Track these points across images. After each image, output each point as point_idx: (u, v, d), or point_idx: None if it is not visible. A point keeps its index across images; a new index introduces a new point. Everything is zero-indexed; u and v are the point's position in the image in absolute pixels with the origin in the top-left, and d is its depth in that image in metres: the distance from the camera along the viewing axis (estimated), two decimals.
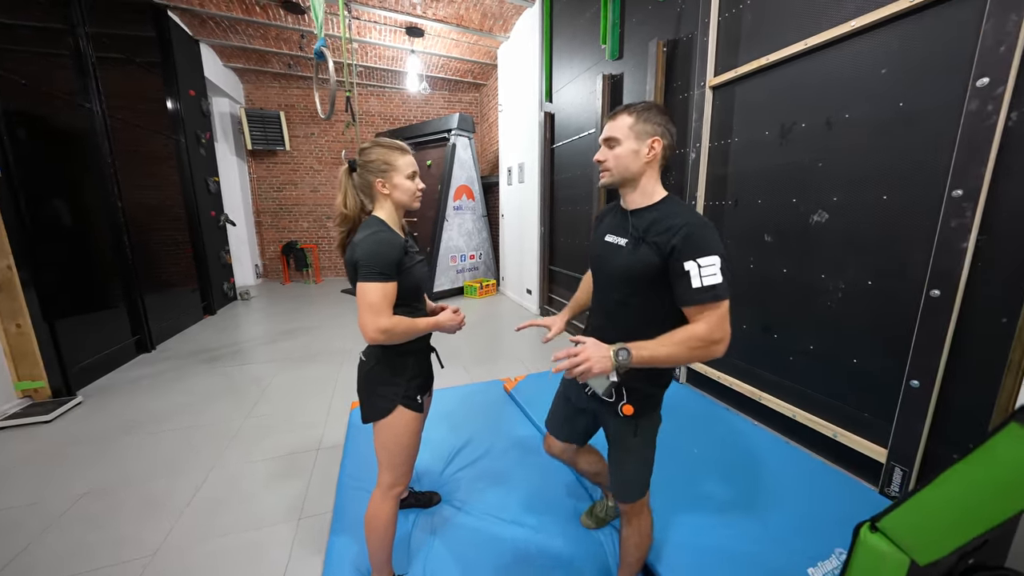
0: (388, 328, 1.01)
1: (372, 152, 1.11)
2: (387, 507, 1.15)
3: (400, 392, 1.12)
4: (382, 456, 1.14)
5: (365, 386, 1.15)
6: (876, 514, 0.88)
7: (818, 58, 1.81)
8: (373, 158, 1.10)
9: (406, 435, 1.14)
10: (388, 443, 1.13)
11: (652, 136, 0.95)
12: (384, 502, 1.15)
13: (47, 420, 2.41)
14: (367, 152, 1.11)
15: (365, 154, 1.11)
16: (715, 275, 0.85)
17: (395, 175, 1.11)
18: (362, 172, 1.12)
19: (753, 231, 2.18)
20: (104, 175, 3.35)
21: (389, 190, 1.11)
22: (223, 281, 5.46)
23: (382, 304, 1.01)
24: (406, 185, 1.12)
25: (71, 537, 1.56)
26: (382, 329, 1.00)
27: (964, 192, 1.34)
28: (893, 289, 1.60)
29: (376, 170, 1.10)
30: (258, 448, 2.15)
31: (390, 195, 1.12)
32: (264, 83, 6.91)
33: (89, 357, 3.00)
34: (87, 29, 3.11)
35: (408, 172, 1.12)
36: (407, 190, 1.13)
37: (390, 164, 1.10)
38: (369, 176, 1.11)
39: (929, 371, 1.46)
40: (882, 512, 0.87)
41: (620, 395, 1.00)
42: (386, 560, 1.20)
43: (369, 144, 1.12)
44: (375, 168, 1.10)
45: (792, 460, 1.83)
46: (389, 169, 1.10)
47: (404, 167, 1.11)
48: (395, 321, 1.03)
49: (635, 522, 1.10)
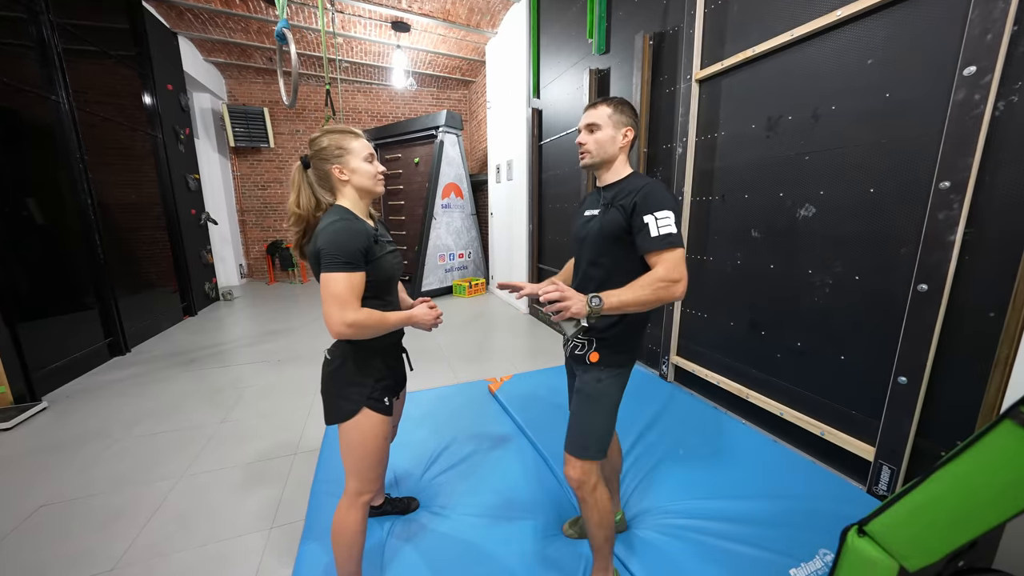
0: (356, 322, 0.95)
1: (323, 140, 1.05)
2: (354, 516, 1.09)
3: (366, 393, 1.06)
4: (348, 462, 1.08)
5: (329, 386, 1.09)
6: (864, 517, 0.84)
7: (804, 49, 1.78)
8: (325, 144, 1.05)
9: (372, 439, 1.07)
10: (354, 447, 1.07)
11: (626, 126, 1.10)
12: (351, 510, 1.09)
13: (6, 428, 2.29)
14: (317, 141, 1.06)
15: (316, 143, 1.06)
16: (670, 226, 0.97)
17: (351, 159, 1.05)
18: (316, 163, 1.06)
19: (740, 227, 2.15)
20: (73, 170, 3.21)
21: (348, 175, 1.06)
22: (204, 281, 5.31)
23: (348, 296, 0.95)
24: (364, 168, 1.06)
25: (20, 556, 1.46)
26: (349, 323, 0.94)
27: (951, 184, 1.31)
28: (880, 284, 1.57)
29: (331, 156, 1.05)
30: (232, 454, 2.06)
31: (350, 180, 1.06)
32: (247, 79, 6.75)
33: (56, 360, 2.87)
34: (51, 18, 2.97)
35: (364, 155, 1.07)
36: (366, 173, 1.07)
37: (344, 148, 1.05)
38: (324, 165, 1.05)
39: (917, 367, 1.43)
40: (870, 515, 0.82)
41: (590, 345, 1.10)
42: (355, 572, 1.14)
43: (318, 133, 1.07)
44: (329, 155, 1.05)
45: (779, 459, 1.80)
46: (344, 153, 1.05)
47: (359, 149, 1.06)
48: (364, 315, 0.97)
49: (590, 499, 1.08)
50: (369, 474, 1.10)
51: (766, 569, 1.24)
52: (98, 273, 3.39)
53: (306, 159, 1.08)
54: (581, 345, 1.12)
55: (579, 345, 1.13)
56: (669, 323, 2.64)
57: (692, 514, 1.46)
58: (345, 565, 1.12)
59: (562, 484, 1.68)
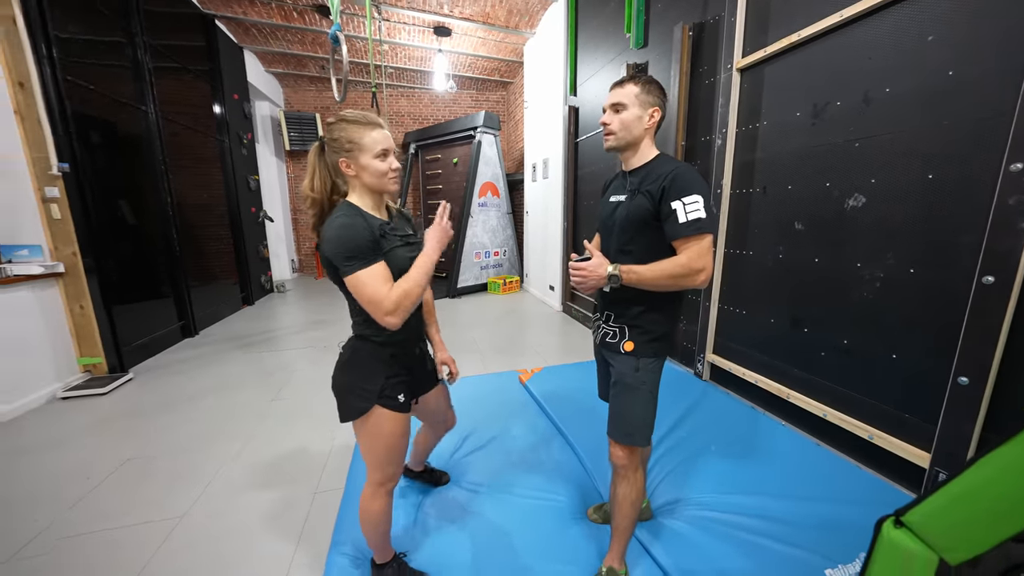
0: (396, 305, 0.92)
1: (336, 129, 0.98)
2: (378, 504, 1.09)
3: (376, 391, 1.02)
4: (366, 456, 1.07)
5: (339, 382, 1.06)
6: (901, 507, 0.80)
7: (855, 30, 1.68)
8: (337, 135, 0.98)
9: (388, 436, 1.04)
10: (370, 444, 1.05)
11: (653, 106, 1.06)
12: (374, 499, 1.09)
13: (103, 393, 2.65)
14: (332, 128, 0.99)
15: (331, 131, 0.99)
16: (699, 211, 0.95)
17: (361, 155, 0.97)
18: (328, 152, 1.01)
19: (783, 219, 2.06)
20: (157, 173, 3.64)
21: (356, 171, 0.99)
22: (261, 274, 5.78)
23: (377, 291, 0.92)
24: (374, 166, 0.98)
25: (115, 496, 1.71)
26: (389, 312, 0.92)
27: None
28: (939, 277, 1.46)
29: (340, 149, 0.98)
30: (281, 428, 2.26)
31: (357, 177, 1.00)
32: (301, 87, 7.26)
33: (140, 338, 3.26)
34: (145, 39, 3.39)
35: (376, 151, 0.97)
36: (376, 171, 0.98)
37: (355, 143, 0.97)
38: (334, 156, 0.99)
39: (981, 366, 1.32)
40: (907, 505, 0.79)
41: (623, 335, 1.10)
42: (383, 546, 1.18)
43: (335, 119, 0.99)
44: (339, 147, 0.98)
45: (820, 461, 1.71)
46: (354, 148, 0.97)
47: (371, 145, 0.97)
48: (398, 293, 0.93)
49: (632, 477, 1.09)
50: (388, 468, 1.08)
51: (798, 567, 1.19)
52: (174, 265, 3.81)
53: (323, 140, 1.02)
54: (613, 333, 1.12)
55: (610, 332, 1.13)
56: (705, 320, 2.57)
57: (721, 507, 1.43)
58: (373, 539, 1.16)
59: (588, 472, 1.70)
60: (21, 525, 1.54)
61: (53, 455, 2.00)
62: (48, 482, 1.79)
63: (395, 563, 1.22)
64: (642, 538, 1.32)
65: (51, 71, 2.60)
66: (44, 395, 2.56)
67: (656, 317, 1.08)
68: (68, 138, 2.69)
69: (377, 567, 1.22)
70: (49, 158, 2.60)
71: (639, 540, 1.32)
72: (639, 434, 1.07)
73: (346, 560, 1.28)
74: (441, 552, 1.32)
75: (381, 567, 1.21)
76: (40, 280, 2.62)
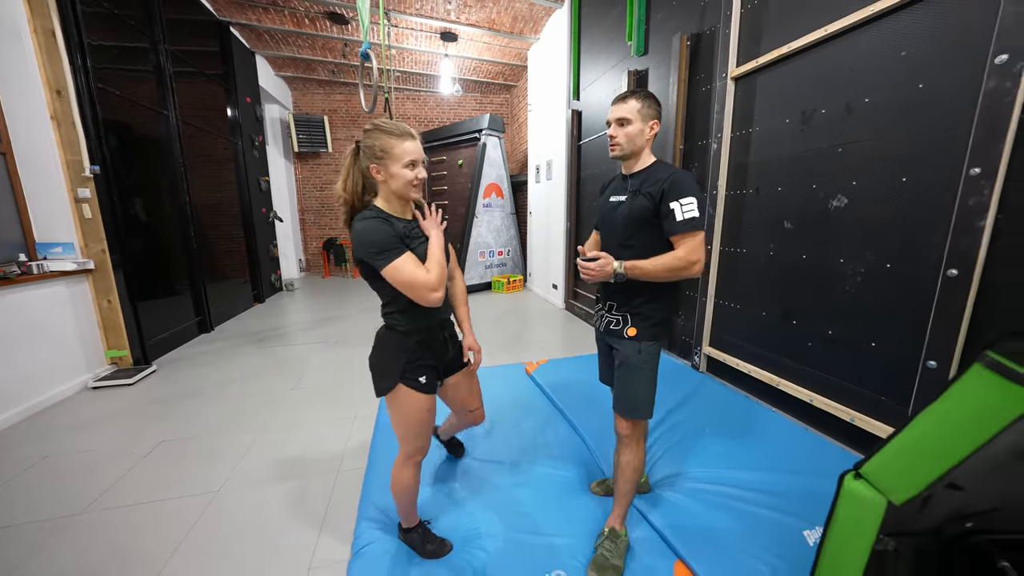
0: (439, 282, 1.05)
1: (371, 136, 1.07)
2: (407, 473, 1.22)
3: (399, 371, 1.14)
4: (396, 430, 1.21)
5: (372, 363, 1.21)
6: (858, 461, 0.94)
7: (839, 44, 1.83)
8: (371, 143, 1.07)
9: (412, 412, 1.16)
10: (397, 419, 1.18)
11: (653, 119, 1.20)
12: (403, 469, 1.22)
13: (130, 383, 2.80)
14: (368, 135, 1.08)
15: (367, 137, 1.08)
16: (693, 211, 1.10)
17: (391, 163, 1.06)
18: (362, 156, 1.10)
19: (774, 219, 2.20)
20: (176, 175, 3.80)
21: (384, 178, 1.08)
22: (271, 273, 5.94)
23: (413, 275, 1.03)
24: (401, 174, 1.07)
25: (155, 473, 1.85)
26: (434, 288, 1.04)
27: (982, 170, 1.34)
28: (912, 271, 1.60)
29: (372, 156, 1.07)
30: (303, 413, 2.40)
31: (385, 183, 1.10)
32: (310, 90, 7.43)
33: (161, 333, 3.42)
34: (167, 46, 3.55)
35: (405, 161, 1.06)
36: (401, 179, 1.07)
37: (387, 152, 1.06)
38: (366, 161, 1.09)
39: (946, 351, 1.46)
40: (863, 459, 0.93)
41: (626, 322, 1.24)
42: (410, 512, 1.31)
43: (372, 126, 1.08)
44: (371, 154, 1.07)
45: (806, 442, 1.85)
46: (385, 156, 1.06)
47: (401, 155, 1.06)
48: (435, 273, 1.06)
49: (635, 447, 1.23)
50: (415, 442, 1.20)
51: (779, 529, 1.33)
52: (191, 263, 3.97)
53: (359, 145, 1.11)
54: (616, 321, 1.26)
55: (614, 320, 1.26)
56: (702, 314, 2.71)
57: (712, 480, 1.57)
58: (403, 507, 1.30)
59: (591, 451, 1.84)
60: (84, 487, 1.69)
61: (94, 435, 2.15)
62: (95, 457, 1.95)
63: (420, 528, 1.35)
64: (640, 507, 1.46)
65: (84, 79, 2.76)
66: (77, 384, 2.72)
67: (656, 305, 1.22)
68: (99, 142, 2.85)
69: (404, 531, 1.35)
70: (82, 161, 2.76)
71: (638, 509, 1.46)
72: (643, 408, 1.21)
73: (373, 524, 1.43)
74: (456, 518, 1.46)
75: (408, 531, 1.35)
76: (72, 276, 2.78)
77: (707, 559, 1.23)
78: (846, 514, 0.95)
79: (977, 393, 0.74)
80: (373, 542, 1.35)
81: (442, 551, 1.32)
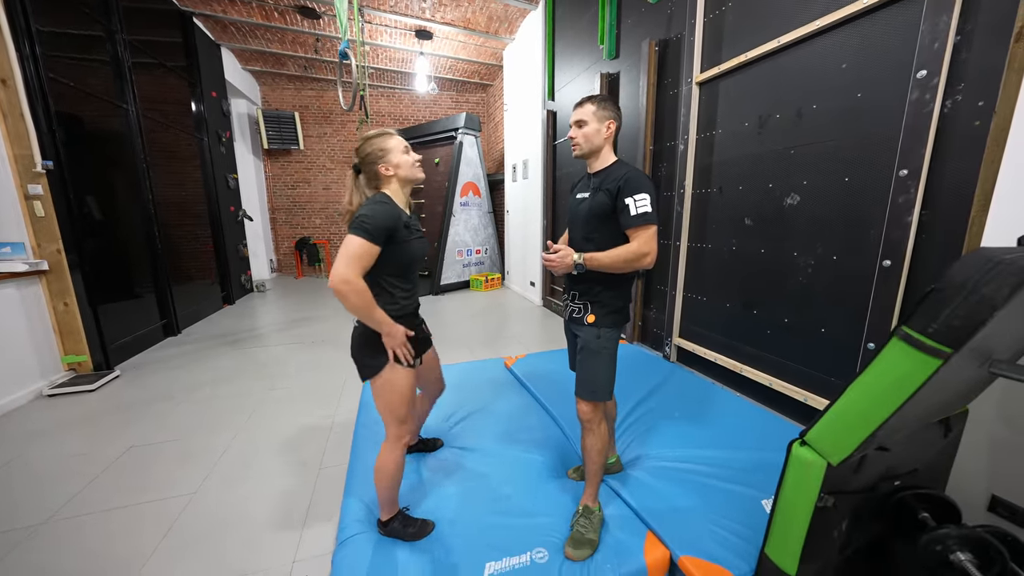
0: (350, 283, 1.06)
1: (366, 147, 1.25)
2: (395, 455, 1.28)
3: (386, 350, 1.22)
4: (384, 412, 1.27)
5: (358, 347, 1.25)
6: (803, 429, 1.06)
7: (791, 54, 1.98)
8: (369, 151, 1.25)
9: (401, 387, 1.24)
10: (386, 396, 1.24)
11: (609, 119, 1.29)
12: (392, 451, 1.28)
13: (91, 389, 2.67)
14: (362, 148, 1.26)
15: (361, 151, 1.26)
16: (646, 206, 1.17)
17: (392, 155, 1.25)
18: (366, 167, 1.26)
19: (735, 216, 2.35)
20: (138, 171, 3.63)
21: (393, 170, 1.25)
22: (241, 273, 5.74)
23: (357, 258, 1.08)
24: (405, 160, 1.26)
25: (126, 478, 1.80)
26: (345, 279, 1.06)
27: (909, 172, 1.50)
28: (854, 262, 1.76)
29: (376, 159, 1.25)
30: (280, 414, 2.37)
31: (395, 174, 1.26)
32: (280, 85, 7.21)
33: (124, 337, 3.26)
34: (124, 36, 3.39)
35: (401, 148, 1.27)
36: (406, 163, 1.26)
37: (385, 149, 1.25)
38: (372, 166, 1.25)
39: (883, 333, 1.62)
40: (807, 427, 1.05)
41: (586, 309, 1.32)
42: (392, 499, 1.35)
43: (360, 142, 1.27)
44: (375, 158, 1.25)
45: (766, 422, 1.99)
46: (385, 153, 1.24)
47: (396, 147, 1.26)
48: (360, 286, 1.08)
49: (596, 430, 1.31)
50: (404, 417, 1.27)
51: (740, 499, 1.45)
52: (155, 263, 3.80)
53: (357, 167, 1.28)
54: (578, 309, 1.35)
55: (576, 309, 1.36)
56: (672, 308, 2.85)
57: (679, 459, 1.69)
58: (386, 492, 1.33)
59: (569, 439, 1.92)
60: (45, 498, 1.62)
61: (54, 442, 2.06)
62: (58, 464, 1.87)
63: (400, 516, 1.39)
64: (613, 486, 1.56)
65: (33, 68, 2.60)
66: (29, 393, 2.57)
67: (613, 294, 1.30)
68: (52, 135, 2.70)
69: (383, 524, 1.37)
70: (33, 155, 2.60)
71: (610, 487, 1.55)
72: (602, 391, 1.30)
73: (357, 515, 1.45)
74: (438, 504, 1.50)
75: (387, 523, 1.37)
76: (23, 278, 2.62)
77: (675, 529, 1.33)
78: (793, 477, 1.07)
79: (894, 363, 0.86)
80: (358, 533, 1.37)
81: (424, 531, 1.36)
